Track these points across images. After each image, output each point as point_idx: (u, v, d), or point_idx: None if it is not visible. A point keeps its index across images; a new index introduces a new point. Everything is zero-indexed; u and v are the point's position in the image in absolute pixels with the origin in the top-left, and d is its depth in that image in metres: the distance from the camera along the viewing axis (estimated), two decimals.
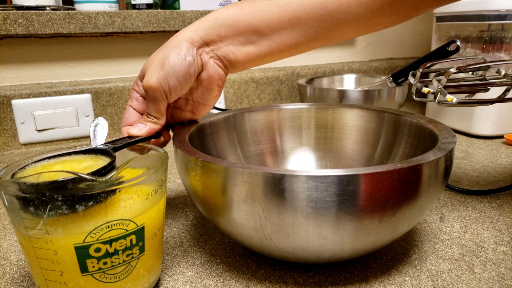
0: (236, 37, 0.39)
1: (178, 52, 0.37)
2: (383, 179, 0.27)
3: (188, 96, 0.42)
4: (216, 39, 0.38)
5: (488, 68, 0.47)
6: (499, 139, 0.72)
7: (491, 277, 0.33)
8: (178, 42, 0.38)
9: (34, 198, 0.25)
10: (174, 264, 0.37)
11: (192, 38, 0.38)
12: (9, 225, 0.45)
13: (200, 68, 0.39)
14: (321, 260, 0.32)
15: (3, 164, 0.66)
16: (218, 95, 0.42)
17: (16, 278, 0.35)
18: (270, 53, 0.40)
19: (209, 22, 0.38)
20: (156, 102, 0.38)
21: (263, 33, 0.39)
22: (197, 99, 0.42)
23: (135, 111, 0.41)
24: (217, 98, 0.42)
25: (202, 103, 0.42)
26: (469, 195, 0.49)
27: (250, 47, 0.39)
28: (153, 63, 0.37)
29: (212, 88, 0.41)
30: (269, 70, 0.94)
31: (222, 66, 0.40)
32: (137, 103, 0.41)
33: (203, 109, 0.43)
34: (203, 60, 0.39)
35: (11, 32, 0.69)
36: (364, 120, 0.48)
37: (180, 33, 0.38)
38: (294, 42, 0.39)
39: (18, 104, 0.71)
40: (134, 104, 0.41)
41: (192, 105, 0.42)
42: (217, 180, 0.30)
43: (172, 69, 0.37)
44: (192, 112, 0.43)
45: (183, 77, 0.37)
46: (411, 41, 1.16)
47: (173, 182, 0.57)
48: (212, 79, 0.40)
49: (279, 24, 0.38)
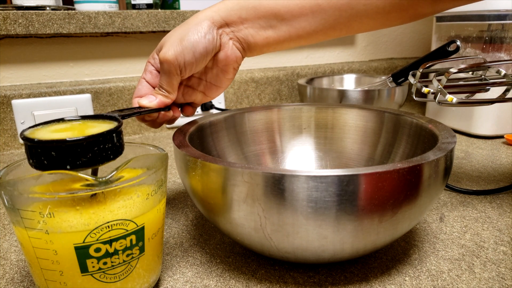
0: (256, 21, 0.39)
1: (198, 29, 0.37)
2: (383, 179, 0.27)
3: (202, 75, 0.42)
4: (237, 21, 0.39)
5: (488, 68, 0.47)
6: (499, 139, 0.72)
7: (491, 277, 0.33)
8: (199, 20, 0.38)
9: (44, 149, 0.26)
10: (174, 264, 0.37)
11: (213, 17, 0.38)
12: (9, 225, 0.45)
13: (218, 48, 0.39)
14: (321, 260, 0.32)
15: (3, 164, 0.66)
16: (232, 78, 0.43)
17: (16, 278, 0.35)
18: (289, 39, 0.41)
19: (231, 3, 0.39)
20: (170, 75, 0.38)
21: (284, 18, 0.39)
22: (211, 79, 0.42)
23: (147, 84, 0.41)
24: (230, 81, 0.43)
25: (215, 84, 0.42)
26: (469, 195, 0.49)
27: (270, 31, 0.40)
28: (172, 37, 0.38)
29: (228, 70, 0.41)
30: (269, 70, 0.94)
31: (240, 48, 0.41)
32: (150, 76, 0.41)
33: (215, 91, 0.43)
34: (222, 41, 0.39)
35: (11, 32, 0.69)
36: (364, 120, 0.48)
37: (202, 12, 0.39)
38: (313, 29, 0.40)
39: (18, 104, 0.71)
40: (148, 77, 0.41)
41: (204, 85, 0.43)
42: (217, 180, 0.30)
43: (190, 44, 0.37)
44: (204, 93, 0.43)
45: (200, 53, 0.38)
46: (411, 41, 1.16)
47: (173, 182, 0.57)
48: (228, 61, 0.40)
49: (300, 10, 0.39)
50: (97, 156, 0.27)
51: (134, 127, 0.81)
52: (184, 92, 0.43)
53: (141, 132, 0.82)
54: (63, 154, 0.26)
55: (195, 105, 0.45)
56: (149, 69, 0.41)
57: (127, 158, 0.34)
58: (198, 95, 0.43)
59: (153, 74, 0.41)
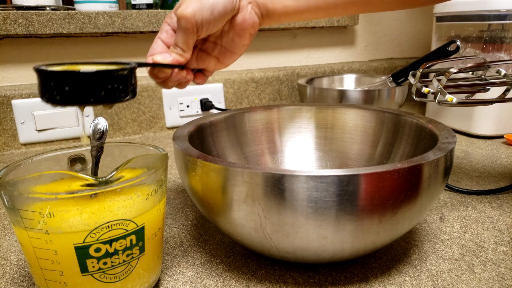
0: None
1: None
2: (383, 179, 0.27)
3: (217, 39, 0.42)
4: None
5: (488, 68, 0.47)
6: (499, 139, 0.72)
7: (491, 277, 0.33)
8: None
9: None
10: (174, 264, 0.37)
11: None
12: (9, 225, 0.45)
13: (237, 10, 0.40)
14: (321, 260, 0.32)
15: (3, 164, 0.66)
16: (247, 44, 0.43)
17: (16, 278, 0.35)
18: (307, 9, 0.41)
19: None
20: (186, 33, 0.38)
21: None
22: (226, 44, 0.42)
23: (162, 43, 0.41)
24: (245, 47, 0.43)
25: (230, 50, 0.43)
26: (469, 195, 0.49)
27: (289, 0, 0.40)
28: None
29: (244, 35, 0.41)
30: (269, 70, 0.94)
31: (258, 13, 0.41)
32: (166, 35, 0.41)
33: (230, 57, 0.43)
34: (241, 4, 0.40)
35: (11, 32, 0.69)
36: (364, 120, 0.48)
37: None
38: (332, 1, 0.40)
39: (18, 104, 0.71)
40: (163, 36, 0.41)
41: (219, 50, 0.43)
42: (217, 180, 0.30)
43: (209, 3, 0.37)
44: (218, 58, 0.43)
45: (218, 12, 0.38)
46: (411, 41, 1.16)
47: (173, 182, 0.57)
48: (246, 25, 0.41)
49: None
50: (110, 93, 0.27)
51: (134, 127, 0.81)
52: (198, 56, 0.43)
53: (141, 132, 0.82)
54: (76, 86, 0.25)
55: (207, 72, 0.45)
56: (165, 29, 0.41)
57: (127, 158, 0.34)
58: (211, 61, 0.43)
59: (168, 34, 0.41)
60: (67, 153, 0.34)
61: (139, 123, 0.82)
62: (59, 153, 0.34)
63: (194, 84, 0.84)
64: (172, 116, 0.84)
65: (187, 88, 0.83)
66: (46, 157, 0.33)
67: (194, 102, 0.85)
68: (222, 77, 0.87)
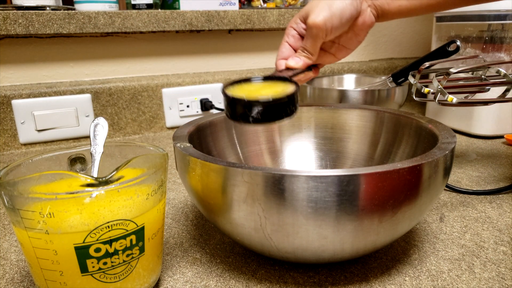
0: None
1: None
2: (383, 179, 0.27)
3: (336, 39, 0.45)
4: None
5: (488, 68, 0.47)
6: (499, 139, 0.72)
7: (491, 277, 0.33)
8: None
9: None
10: (174, 264, 0.37)
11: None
12: (9, 225, 0.45)
13: (359, 14, 0.43)
14: (321, 260, 0.32)
15: (3, 164, 0.66)
16: (362, 40, 0.46)
17: (16, 278, 0.35)
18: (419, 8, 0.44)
19: None
20: (316, 39, 0.42)
21: None
22: (343, 42, 0.46)
23: (290, 47, 0.45)
24: (360, 43, 0.47)
25: (346, 46, 0.46)
26: (469, 195, 0.49)
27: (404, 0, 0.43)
28: (320, 4, 0.41)
29: (361, 34, 0.45)
30: (269, 70, 0.94)
31: (375, 14, 0.44)
32: (293, 39, 0.45)
33: (345, 53, 0.47)
34: (362, 7, 0.43)
35: (11, 32, 0.69)
36: (364, 120, 0.48)
37: None
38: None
39: (18, 104, 0.71)
40: (291, 40, 0.45)
41: (336, 48, 0.46)
42: (217, 180, 0.30)
43: (338, 11, 0.41)
44: (334, 55, 0.47)
45: (346, 19, 0.41)
46: (411, 41, 1.16)
47: (173, 182, 0.57)
48: (364, 26, 0.44)
49: None
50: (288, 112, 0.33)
51: (134, 127, 0.81)
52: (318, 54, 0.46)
53: (141, 132, 0.82)
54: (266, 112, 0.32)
55: (320, 66, 0.49)
56: (292, 33, 0.45)
57: (127, 158, 0.34)
58: (328, 57, 0.47)
59: (295, 38, 0.45)
60: (67, 153, 0.34)
61: (139, 123, 0.82)
62: (59, 153, 0.34)
63: (197, 84, 0.84)
64: (172, 116, 0.84)
65: (187, 88, 0.84)
66: (46, 157, 0.33)
67: (194, 102, 0.85)
68: (222, 77, 0.87)
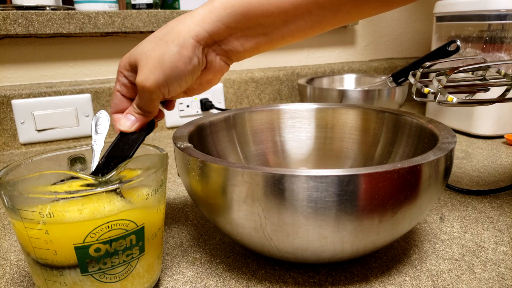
0: (247, 28, 0.34)
1: (181, 52, 0.33)
2: (383, 179, 0.27)
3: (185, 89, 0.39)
4: (225, 33, 0.34)
5: (488, 68, 0.47)
6: (499, 139, 0.72)
7: (491, 277, 0.33)
8: (182, 39, 0.33)
9: None
10: (174, 264, 0.37)
11: (198, 35, 0.33)
12: (9, 225, 0.45)
13: (204, 66, 0.36)
14: (321, 260, 0.32)
15: (3, 164, 0.66)
16: (216, 83, 0.40)
17: (16, 278, 0.35)
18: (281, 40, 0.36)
19: (217, 11, 0.34)
20: (150, 101, 0.35)
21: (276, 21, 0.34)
22: (194, 86, 0.39)
23: (123, 98, 0.37)
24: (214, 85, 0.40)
25: (198, 89, 0.40)
26: (469, 195, 0.49)
27: (261, 37, 0.35)
28: (150, 58, 0.33)
29: (212, 82, 0.39)
30: (269, 70, 0.94)
31: (227, 60, 0.37)
32: (125, 89, 0.37)
33: (198, 92, 0.40)
34: (208, 59, 0.36)
35: (11, 32, 0.69)
36: (364, 120, 0.48)
37: (184, 25, 0.34)
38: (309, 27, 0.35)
39: (18, 104, 0.71)
40: (123, 90, 0.37)
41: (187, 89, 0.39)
42: (217, 180, 0.30)
43: (173, 72, 0.33)
44: (186, 93, 0.40)
45: (186, 82, 0.35)
46: (411, 41, 1.16)
47: (173, 182, 0.57)
48: (215, 75, 0.38)
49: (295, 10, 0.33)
50: None
51: None
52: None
53: None
54: None
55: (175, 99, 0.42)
56: (122, 81, 0.37)
57: None
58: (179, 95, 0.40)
59: (128, 87, 0.37)
60: (67, 153, 0.34)
61: None
62: (59, 153, 0.34)
63: None
64: (172, 116, 0.84)
65: None
66: (46, 157, 0.33)
67: (194, 102, 0.85)
68: (222, 77, 0.87)
